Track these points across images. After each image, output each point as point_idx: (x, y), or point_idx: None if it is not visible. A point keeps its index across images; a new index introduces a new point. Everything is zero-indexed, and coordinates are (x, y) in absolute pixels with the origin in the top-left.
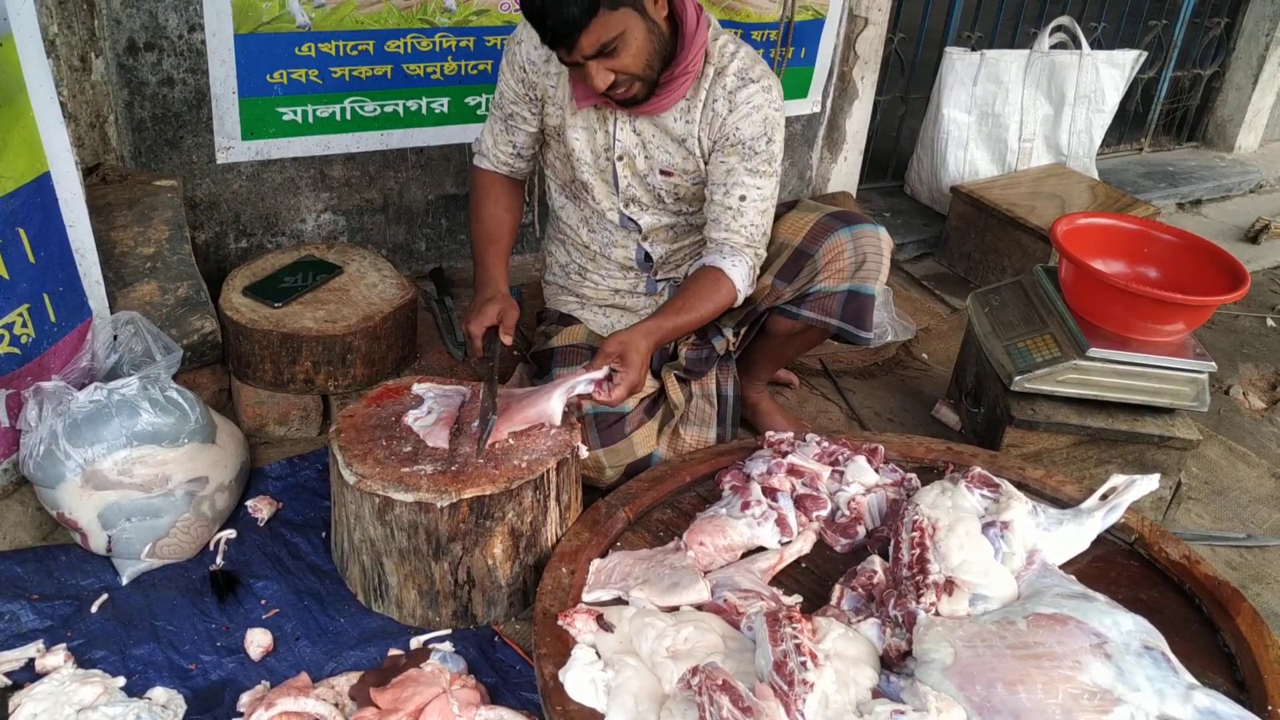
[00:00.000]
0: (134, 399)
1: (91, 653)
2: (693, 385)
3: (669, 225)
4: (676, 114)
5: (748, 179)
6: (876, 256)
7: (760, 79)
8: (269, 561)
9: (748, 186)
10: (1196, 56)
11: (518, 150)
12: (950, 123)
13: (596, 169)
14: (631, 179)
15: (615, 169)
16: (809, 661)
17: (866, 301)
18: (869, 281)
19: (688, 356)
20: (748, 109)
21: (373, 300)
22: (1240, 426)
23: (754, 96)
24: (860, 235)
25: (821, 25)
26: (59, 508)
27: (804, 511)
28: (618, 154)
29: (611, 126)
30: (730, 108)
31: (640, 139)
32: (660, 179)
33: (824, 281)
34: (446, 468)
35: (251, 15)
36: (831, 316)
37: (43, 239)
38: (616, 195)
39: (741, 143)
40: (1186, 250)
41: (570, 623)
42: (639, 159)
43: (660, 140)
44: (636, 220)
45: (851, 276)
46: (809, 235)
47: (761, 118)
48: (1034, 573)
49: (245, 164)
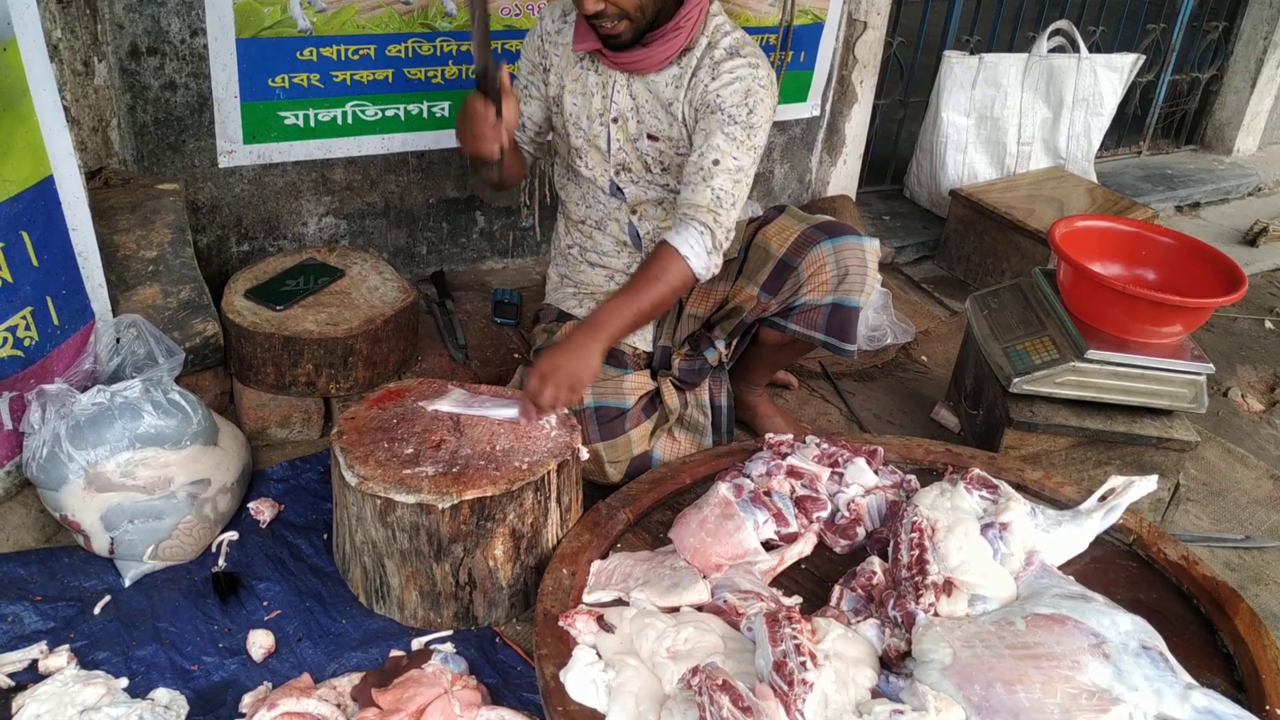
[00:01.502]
0: (136, 401)
1: (94, 654)
2: (687, 395)
3: (656, 200)
4: (669, 79)
5: (723, 144)
6: (860, 269)
7: (749, 56)
8: (271, 563)
9: (721, 151)
10: (1195, 60)
11: (527, 118)
12: (949, 126)
13: (590, 134)
14: (624, 143)
15: (610, 131)
16: (809, 662)
17: (850, 314)
18: (853, 294)
19: (681, 368)
20: (730, 78)
21: (374, 303)
22: (1238, 428)
23: (739, 69)
24: (843, 248)
25: (821, 29)
26: (62, 510)
27: (804, 513)
28: (613, 115)
29: (610, 90)
30: (714, 76)
31: (635, 103)
32: (647, 144)
33: (808, 295)
34: (448, 469)
35: (253, 20)
36: (816, 330)
37: (46, 242)
38: (608, 161)
39: (720, 108)
40: (1184, 253)
41: (571, 623)
42: (631, 122)
43: (651, 105)
44: (624, 190)
45: (835, 290)
46: (792, 247)
47: (744, 88)
48: (1033, 573)
49: (247, 168)
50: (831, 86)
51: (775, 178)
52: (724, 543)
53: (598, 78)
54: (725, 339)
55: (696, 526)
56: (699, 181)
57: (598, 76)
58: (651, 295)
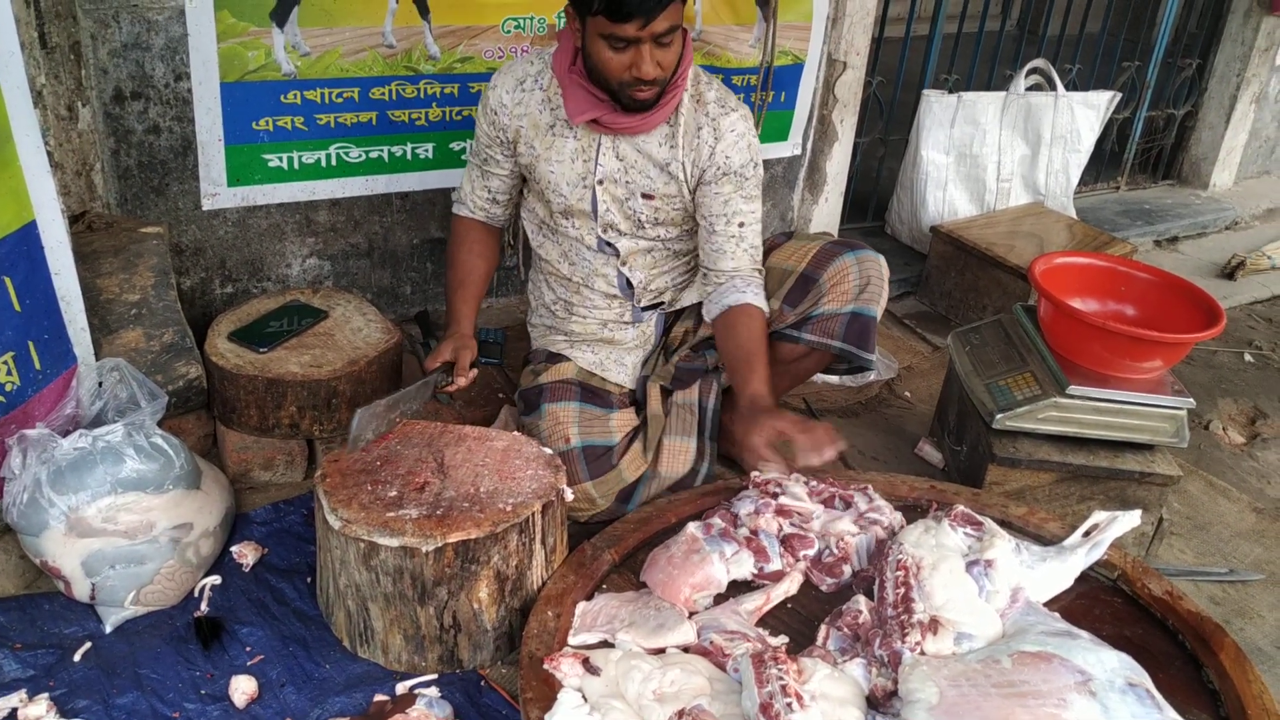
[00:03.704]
0: (119, 445)
1: (74, 702)
2: (675, 394)
3: (646, 250)
4: (660, 139)
5: (743, 205)
6: (879, 281)
7: (738, 107)
8: (254, 607)
9: (745, 213)
10: (1170, 96)
11: (493, 195)
12: (929, 163)
13: (574, 197)
14: (611, 204)
15: (595, 194)
16: (795, 703)
17: (869, 323)
18: (872, 304)
19: (679, 366)
20: (734, 137)
21: (358, 344)
22: (1220, 461)
23: (737, 124)
24: (864, 259)
25: (801, 70)
26: (42, 556)
27: (791, 552)
28: (598, 178)
29: (594, 154)
30: (717, 137)
31: (623, 164)
32: (641, 203)
33: (828, 304)
34: (432, 512)
35: (237, 64)
36: (834, 338)
37: (28, 287)
38: (595, 221)
39: (733, 171)
40: (1163, 288)
41: (556, 666)
42: (619, 185)
43: (642, 165)
44: (614, 244)
45: (855, 298)
46: (814, 260)
47: (746, 144)
48: (1018, 610)
49: (231, 210)
50: (812, 126)
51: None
52: (691, 573)
53: (576, 143)
54: None
55: (665, 563)
56: (734, 247)
57: (576, 142)
58: (766, 352)
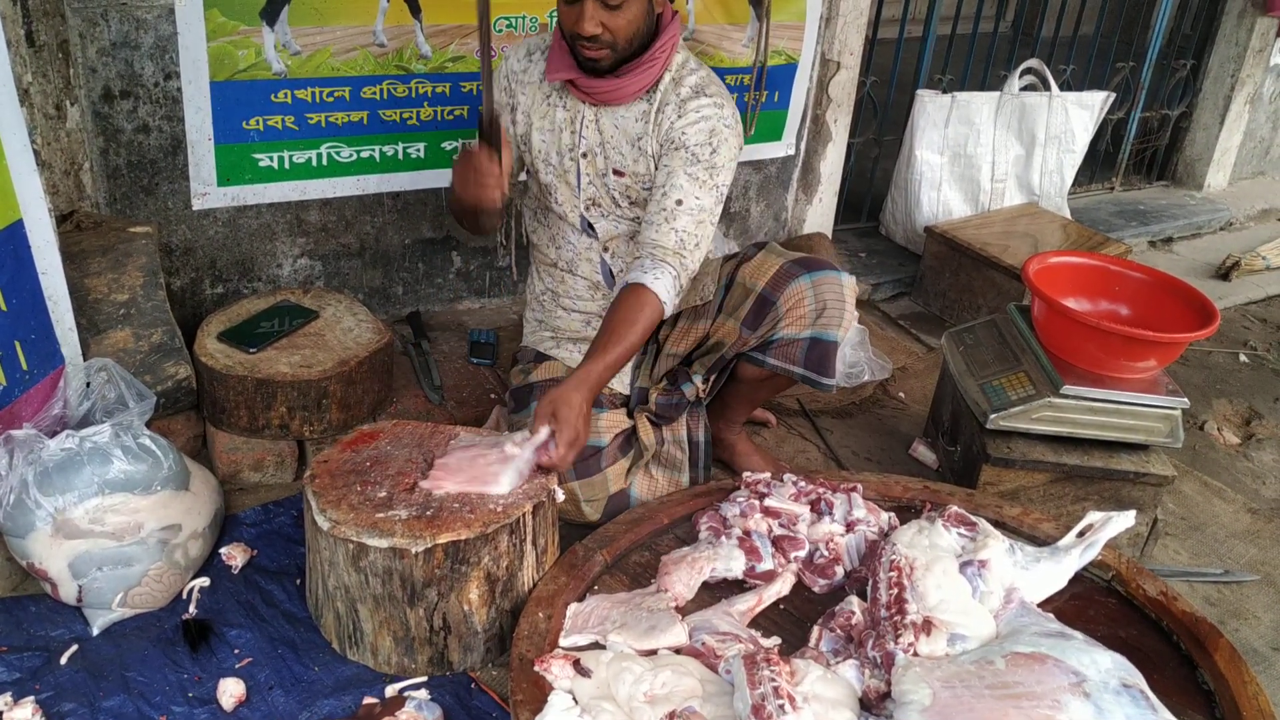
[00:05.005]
0: (106, 446)
1: (61, 705)
2: (664, 431)
3: (627, 235)
4: (638, 115)
5: (686, 184)
6: (838, 303)
7: (715, 95)
8: (243, 609)
9: (685, 191)
10: (1164, 97)
11: None
12: (923, 164)
13: (560, 170)
14: (594, 177)
15: (579, 166)
16: (787, 704)
17: (829, 348)
18: (830, 328)
19: (658, 402)
20: (695, 116)
21: (348, 345)
22: (1215, 462)
23: (704, 107)
24: (821, 282)
25: (794, 70)
26: (29, 558)
27: (782, 553)
28: (582, 151)
29: (579, 124)
30: (680, 114)
31: (602, 137)
32: (613, 179)
33: (786, 329)
34: (421, 513)
35: (227, 63)
36: (795, 364)
37: (15, 287)
38: (578, 196)
39: (685, 147)
40: (1157, 288)
41: (547, 668)
42: (599, 157)
43: (617, 140)
44: (595, 226)
45: (813, 324)
46: (771, 281)
47: (708, 127)
48: (1012, 611)
49: (221, 210)
50: (806, 125)
51: (752, 216)
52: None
53: (566, 113)
54: (703, 374)
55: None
56: (662, 221)
57: (566, 111)
58: (629, 340)
